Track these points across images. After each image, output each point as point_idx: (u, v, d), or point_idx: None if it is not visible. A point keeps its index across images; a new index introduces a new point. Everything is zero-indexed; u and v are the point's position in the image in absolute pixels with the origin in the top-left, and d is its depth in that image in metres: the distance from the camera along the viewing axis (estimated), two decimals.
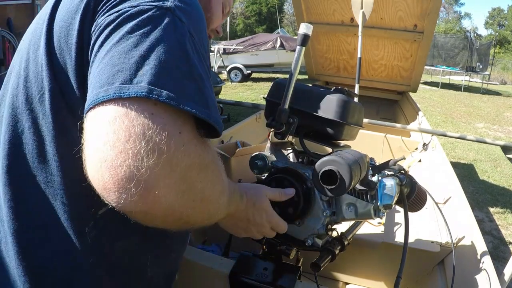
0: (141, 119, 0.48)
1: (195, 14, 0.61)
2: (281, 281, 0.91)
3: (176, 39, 0.55)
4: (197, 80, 0.56)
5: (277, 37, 12.60)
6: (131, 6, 0.56)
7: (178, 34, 0.56)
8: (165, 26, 0.55)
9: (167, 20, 0.56)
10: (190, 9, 0.60)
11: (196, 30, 0.60)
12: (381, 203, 0.81)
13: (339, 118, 0.89)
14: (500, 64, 21.93)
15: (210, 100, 0.57)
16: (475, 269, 1.13)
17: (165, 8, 0.56)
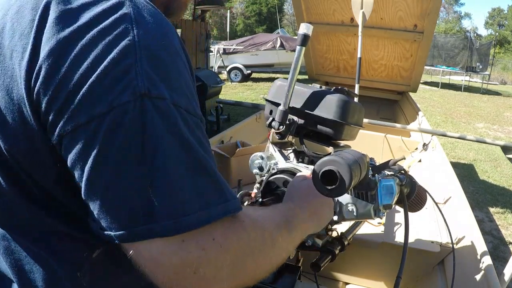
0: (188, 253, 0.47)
1: (171, 68, 0.50)
2: (281, 281, 0.91)
3: (172, 137, 0.47)
4: (207, 171, 0.50)
5: (277, 37, 12.61)
6: (102, 113, 0.44)
7: (169, 126, 0.47)
8: (152, 125, 0.45)
9: (148, 111, 0.45)
10: (164, 66, 0.49)
11: (180, 90, 0.50)
12: (381, 203, 0.81)
13: (339, 118, 0.89)
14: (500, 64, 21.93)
15: (223, 185, 0.51)
16: (475, 269, 1.13)
17: (140, 96, 0.45)
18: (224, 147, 1.97)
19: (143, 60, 0.47)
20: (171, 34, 0.52)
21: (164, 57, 0.49)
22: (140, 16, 0.49)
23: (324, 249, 0.89)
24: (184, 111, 0.49)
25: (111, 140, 0.45)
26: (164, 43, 0.50)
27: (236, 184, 1.79)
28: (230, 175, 1.78)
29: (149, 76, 0.46)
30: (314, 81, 4.45)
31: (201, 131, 0.53)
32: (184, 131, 0.48)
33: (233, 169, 1.77)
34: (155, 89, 0.46)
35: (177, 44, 0.53)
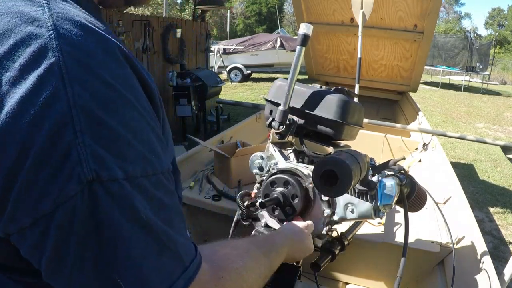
0: None
1: (119, 128, 0.41)
2: (281, 281, 0.91)
3: (131, 224, 0.41)
4: (169, 246, 0.45)
5: (277, 37, 12.60)
6: (47, 213, 0.38)
7: (126, 213, 0.40)
8: (108, 217, 0.39)
9: (100, 201, 0.39)
10: (111, 131, 0.40)
11: (133, 153, 0.42)
12: (381, 203, 0.81)
13: (339, 118, 0.89)
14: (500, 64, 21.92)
15: (181, 250, 0.46)
16: (475, 269, 1.13)
17: (87, 183, 0.38)
18: (224, 147, 1.97)
19: (85, 132, 0.38)
20: (115, 71, 0.42)
21: (109, 117, 0.40)
22: (73, 62, 0.39)
23: (324, 249, 0.89)
24: (142, 178, 0.42)
25: (64, 241, 0.38)
26: (107, 95, 0.40)
27: (236, 184, 1.79)
28: (230, 175, 1.78)
29: (94, 154, 0.38)
30: (314, 81, 4.45)
31: (163, 189, 0.46)
32: (143, 212, 0.41)
33: (233, 169, 1.77)
34: (105, 170, 0.39)
35: (126, 79, 0.44)
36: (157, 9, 16.98)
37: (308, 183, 0.86)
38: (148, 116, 0.46)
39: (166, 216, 0.46)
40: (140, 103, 0.45)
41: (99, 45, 0.42)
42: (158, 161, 0.46)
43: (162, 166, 0.46)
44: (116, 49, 0.44)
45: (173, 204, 0.48)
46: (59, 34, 0.39)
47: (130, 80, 0.44)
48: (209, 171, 1.94)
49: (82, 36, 0.41)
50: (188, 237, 0.50)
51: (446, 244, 1.32)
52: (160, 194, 0.45)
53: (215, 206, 1.61)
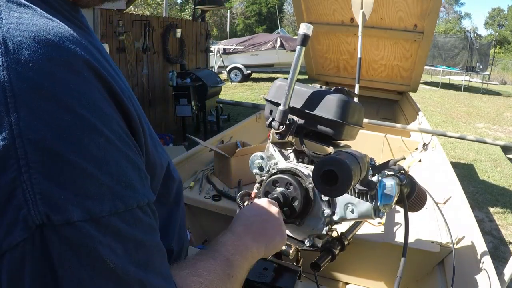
0: None
1: (78, 158, 0.35)
2: (281, 281, 0.91)
3: (96, 275, 0.35)
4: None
5: (277, 37, 12.61)
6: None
7: (88, 261, 0.34)
8: (65, 268, 0.33)
9: (53, 249, 0.33)
10: (66, 163, 0.34)
11: (97, 189, 0.36)
12: (381, 203, 0.81)
13: (339, 118, 0.89)
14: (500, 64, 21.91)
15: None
16: (475, 269, 1.13)
17: (37, 229, 0.32)
18: (224, 147, 1.97)
19: (32, 166, 0.32)
20: (76, 92, 0.36)
21: (65, 147, 0.34)
22: (20, 82, 0.33)
23: (324, 249, 0.89)
24: (111, 216, 0.36)
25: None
26: (63, 121, 0.34)
27: (236, 184, 1.79)
28: (230, 175, 1.78)
29: (44, 193, 0.32)
30: (314, 81, 4.45)
31: (141, 225, 0.40)
32: (110, 259, 0.35)
33: (233, 169, 1.77)
34: (57, 212, 0.32)
35: (91, 100, 0.37)
36: (157, 9, 16.98)
37: (308, 183, 0.86)
38: (120, 142, 0.39)
39: (144, 257, 0.40)
40: (109, 127, 0.38)
41: (58, 61, 0.36)
42: (132, 193, 0.39)
43: (138, 199, 0.40)
44: (81, 64, 0.38)
45: (152, 241, 0.42)
46: (7, 50, 0.33)
47: (97, 101, 0.38)
48: (209, 171, 1.94)
49: (37, 50, 0.34)
50: (169, 276, 0.44)
51: (446, 244, 1.32)
52: (136, 232, 0.39)
53: (215, 206, 1.61)
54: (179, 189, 0.69)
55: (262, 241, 0.66)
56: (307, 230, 0.89)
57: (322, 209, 0.86)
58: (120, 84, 0.44)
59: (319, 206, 0.86)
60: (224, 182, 1.84)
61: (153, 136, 0.58)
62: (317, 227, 0.88)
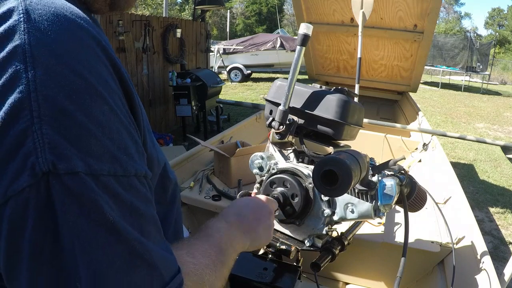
0: None
1: (85, 120, 0.37)
2: (281, 281, 0.91)
3: (93, 226, 0.36)
4: (142, 258, 0.40)
5: (277, 37, 12.61)
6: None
7: (88, 212, 0.36)
8: (65, 215, 0.35)
9: (56, 197, 0.35)
10: (74, 121, 0.36)
11: (100, 150, 0.38)
12: (381, 203, 0.81)
13: (339, 118, 0.89)
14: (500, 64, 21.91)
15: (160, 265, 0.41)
16: (475, 269, 1.13)
17: (43, 176, 0.34)
18: (224, 147, 1.97)
19: (43, 119, 0.34)
20: (87, 62, 0.39)
21: (74, 106, 0.36)
22: (39, 46, 0.36)
23: (324, 249, 0.89)
24: (109, 176, 0.38)
25: (17, 239, 0.34)
26: (74, 84, 0.37)
27: (236, 184, 1.79)
28: (230, 175, 1.78)
29: (52, 143, 0.34)
30: (314, 81, 4.45)
31: (137, 193, 0.42)
32: (108, 213, 0.37)
33: (233, 169, 1.77)
34: (63, 161, 0.35)
35: (98, 72, 0.40)
36: (157, 9, 16.98)
37: (308, 183, 0.86)
38: (122, 114, 0.42)
39: (139, 223, 0.41)
40: (113, 99, 0.41)
41: (73, 34, 0.39)
42: (130, 161, 0.41)
43: (135, 168, 0.42)
44: (92, 40, 0.41)
45: (148, 212, 0.43)
46: (29, 18, 0.37)
47: (104, 74, 0.41)
48: (209, 171, 1.94)
49: (55, 23, 0.38)
50: (170, 250, 0.45)
51: (446, 244, 1.32)
52: (132, 198, 0.40)
53: (215, 206, 1.61)
54: (175, 190, 0.69)
55: (249, 238, 0.67)
56: (307, 230, 0.89)
57: (322, 209, 0.86)
58: (124, 70, 0.47)
59: (319, 206, 0.86)
60: (224, 182, 1.84)
61: (150, 131, 0.59)
62: (317, 227, 0.88)
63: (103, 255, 0.36)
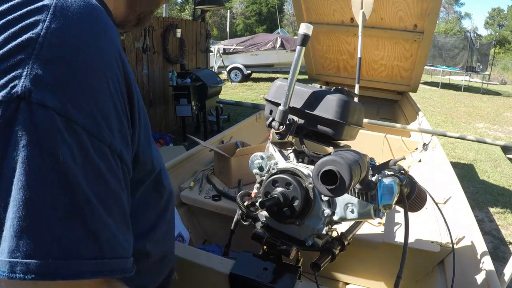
0: None
1: (78, 78, 0.41)
2: (281, 281, 0.91)
3: (43, 160, 0.37)
4: (83, 213, 0.39)
5: (277, 37, 12.60)
6: None
7: (43, 144, 0.37)
8: (19, 140, 0.36)
9: (20, 120, 0.37)
10: (69, 73, 0.40)
11: (82, 104, 0.40)
12: (381, 203, 0.81)
13: (339, 118, 0.89)
14: (500, 64, 21.90)
15: (104, 239, 0.41)
16: (475, 269, 1.13)
17: (16, 98, 0.37)
18: (224, 147, 1.97)
19: (41, 59, 0.39)
20: (99, 42, 0.43)
21: (73, 62, 0.40)
22: (63, 10, 0.42)
23: (324, 249, 0.89)
24: (83, 130, 0.40)
25: None
26: (80, 48, 0.41)
27: (236, 184, 1.79)
28: (230, 175, 1.78)
29: (38, 77, 0.38)
30: (314, 81, 4.45)
31: (107, 162, 0.42)
32: (66, 160, 0.38)
33: (233, 169, 1.77)
34: (40, 94, 0.37)
35: (105, 59, 0.44)
36: (157, 9, 16.96)
37: (308, 183, 0.86)
38: (117, 98, 0.45)
39: (101, 192, 0.41)
40: (113, 82, 0.44)
41: (97, 16, 0.45)
42: (109, 132, 0.43)
43: (112, 141, 0.43)
44: (113, 30, 0.47)
45: (116, 190, 0.43)
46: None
47: (114, 61, 0.45)
48: (209, 171, 1.94)
49: (84, 5, 0.43)
50: (129, 240, 0.44)
51: (446, 244, 1.32)
52: (101, 163, 0.41)
53: (215, 206, 1.61)
54: (169, 199, 0.70)
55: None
56: (307, 230, 0.89)
57: (322, 209, 0.86)
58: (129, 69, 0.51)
59: (319, 206, 0.86)
60: (224, 182, 1.84)
61: (149, 136, 0.60)
62: (317, 227, 0.88)
63: (41, 194, 0.37)
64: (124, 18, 0.65)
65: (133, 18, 0.66)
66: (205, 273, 0.99)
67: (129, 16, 0.65)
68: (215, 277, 0.97)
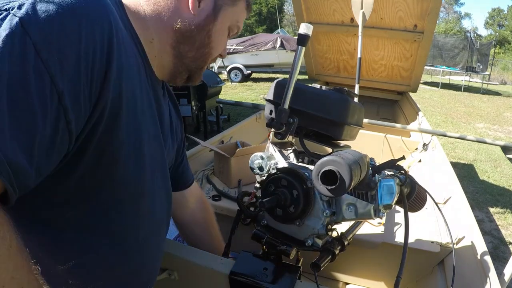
0: None
1: (56, 24, 0.48)
2: (281, 281, 0.91)
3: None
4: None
5: (277, 37, 12.60)
6: None
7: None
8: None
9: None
10: (52, 6, 0.48)
11: (48, 36, 0.47)
12: (381, 203, 0.81)
13: (339, 118, 0.89)
14: (500, 64, 21.90)
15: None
16: (475, 269, 1.13)
17: (4, 10, 0.47)
18: (224, 147, 1.97)
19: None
20: (93, 6, 0.52)
21: (61, 9, 0.48)
22: None
23: (324, 249, 0.89)
24: (32, 45, 0.46)
25: None
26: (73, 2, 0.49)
27: (236, 184, 1.79)
28: (230, 175, 1.78)
29: (27, 7, 0.46)
30: (314, 81, 4.45)
31: (38, 80, 0.46)
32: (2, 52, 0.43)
33: (233, 169, 1.77)
34: (20, 12, 0.46)
35: (91, 20, 0.51)
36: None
37: (308, 183, 0.86)
38: (84, 57, 0.50)
39: (19, 99, 0.44)
40: (85, 44, 0.50)
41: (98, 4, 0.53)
42: (57, 65, 0.48)
43: (56, 75, 0.47)
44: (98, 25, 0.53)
45: (31, 109, 0.45)
46: None
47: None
48: (209, 171, 1.94)
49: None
50: (17, 156, 0.44)
51: (446, 244, 1.32)
52: (31, 78, 0.45)
53: (215, 206, 1.61)
54: (154, 230, 0.78)
55: None
56: (307, 230, 0.89)
57: (322, 209, 0.86)
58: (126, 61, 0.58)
59: (319, 206, 0.86)
60: (224, 182, 1.84)
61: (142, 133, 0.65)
62: (317, 227, 0.88)
63: None
64: (175, 69, 0.70)
65: (183, 70, 0.72)
66: (205, 273, 0.99)
67: (179, 68, 0.70)
68: (215, 277, 0.97)
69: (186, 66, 0.72)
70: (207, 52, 0.75)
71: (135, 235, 0.71)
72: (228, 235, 1.14)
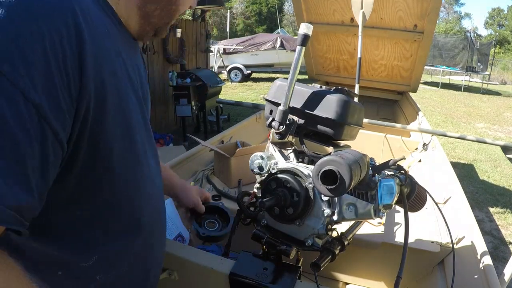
0: None
1: (9, 12, 0.44)
2: (281, 281, 0.91)
3: None
4: None
5: (277, 37, 12.60)
6: None
7: None
8: None
9: None
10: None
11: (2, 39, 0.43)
12: (381, 203, 0.81)
13: (339, 118, 0.88)
14: (500, 64, 21.89)
15: None
16: (475, 269, 1.13)
17: None
18: (224, 147, 1.97)
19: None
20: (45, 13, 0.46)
21: (11, 8, 0.43)
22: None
23: (324, 249, 0.89)
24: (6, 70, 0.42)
25: None
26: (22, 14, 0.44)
27: (236, 184, 1.79)
28: (230, 175, 1.78)
29: None
30: (314, 81, 4.45)
31: (8, 100, 0.43)
32: None
33: (233, 169, 1.77)
34: None
35: (50, 13, 0.47)
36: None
37: (308, 183, 0.86)
38: (52, 55, 0.46)
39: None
40: (50, 40, 0.46)
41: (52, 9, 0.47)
42: (26, 78, 0.44)
43: (27, 88, 0.44)
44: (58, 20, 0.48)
45: (13, 137, 0.43)
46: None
47: (53, 19, 0.47)
48: (209, 171, 1.94)
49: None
50: (15, 192, 0.43)
51: (446, 244, 1.32)
52: (2, 102, 0.42)
53: None
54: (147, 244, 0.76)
55: None
56: (307, 230, 0.89)
57: (322, 209, 0.86)
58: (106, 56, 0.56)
59: (319, 206, 0.86)
60: (224, 182, 1.84)
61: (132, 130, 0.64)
62: (317, 227, 0.88)
63: None
64: (141, 29, 0.69)
65: (149, 30, 0.71)
66: (205, 273, 0.99)
67: (146, 28, 0.69)
68: (215, 277, 0.97)
69: (153, 25, 0.70)
70: (174, 9, 0.72)
71: (144, 216, 0.72)
72: (228, 236, 1.14)
